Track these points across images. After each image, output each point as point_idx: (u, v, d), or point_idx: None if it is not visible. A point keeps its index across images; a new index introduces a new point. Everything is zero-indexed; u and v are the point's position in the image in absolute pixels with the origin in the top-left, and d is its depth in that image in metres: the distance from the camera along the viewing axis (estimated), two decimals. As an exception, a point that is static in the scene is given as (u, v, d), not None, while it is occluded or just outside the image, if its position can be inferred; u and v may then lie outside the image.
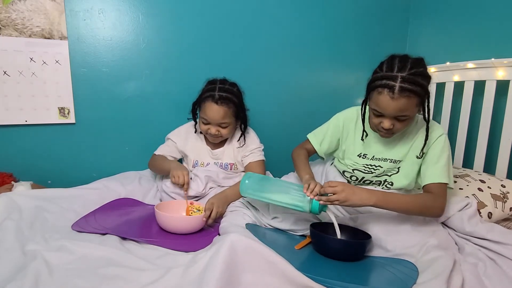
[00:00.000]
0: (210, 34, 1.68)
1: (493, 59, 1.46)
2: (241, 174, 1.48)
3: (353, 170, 1.28)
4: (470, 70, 1.59)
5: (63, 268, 0.85)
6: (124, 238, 1.05)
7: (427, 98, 1.06)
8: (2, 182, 1.32)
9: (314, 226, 1.12)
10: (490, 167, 1.54)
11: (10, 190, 1.24)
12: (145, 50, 1.60)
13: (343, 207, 1.28)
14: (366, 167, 1.25)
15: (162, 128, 1.59)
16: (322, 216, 1.23)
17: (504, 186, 1.32)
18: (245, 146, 1.48)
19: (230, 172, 1.49)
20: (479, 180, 1.35)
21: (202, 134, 1.50)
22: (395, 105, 1.02)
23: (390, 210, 1.06)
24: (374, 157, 1.23)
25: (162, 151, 1.49)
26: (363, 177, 1.27)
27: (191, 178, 1.42)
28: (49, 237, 1.00)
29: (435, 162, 1.13)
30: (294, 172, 1.43)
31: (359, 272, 0.97)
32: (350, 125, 1.29)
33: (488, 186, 1.31)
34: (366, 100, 1.15)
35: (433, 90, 1.80)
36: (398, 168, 1.21)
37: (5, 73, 1.39)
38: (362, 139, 1.25)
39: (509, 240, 1.04)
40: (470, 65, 1.57)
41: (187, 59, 1.66)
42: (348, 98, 2.00)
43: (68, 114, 1.51)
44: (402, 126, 1.09)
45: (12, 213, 1.07)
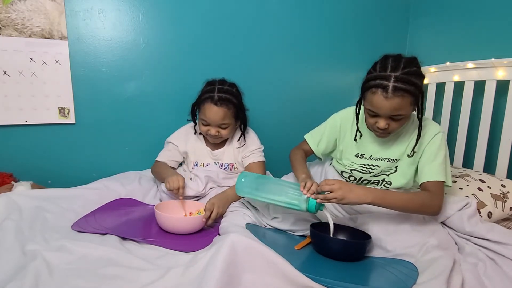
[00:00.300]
0: (210, 34, 1.68)
1: (493, 59, 1.46)
2: (241, 174, 1.48)
3: (351, 170, 1.28)
4: (470, 70, 1.59)
5: (63, 268, 0.85)
6: (124, 238, 1.05)
7: (421, 97, 1.06)
8: (2, 182, 1.32)
9: (314, 226, 1.12)
10: (490, 167, 1.54)
11: (10, 190, 1.25)
12: (145, 50, 1.60)
13: (342, 207, 1.28)
14: (363, 167, 1.25)
15: (162, 128, 1.59)
16: (321, 215, 1.23)
17: (504, 186, 1.32)
18: (245, 146, 1.48)
19: (230, 172, 1.49)
20: (479, 180, 1.35)
21: (201, 135, 1.50)
22: (389, 104, 1.03)
23: (387, 208, 1.06)
24: (372, 156, 1.23)
25: (164, 157, 1.47)
26: (361, 177, 1.27)
27: (191, 178, 1.42)
28: (49, 237, 1.00)
29: (432, 160, 1.13)
30: (294, 172, 1.43)
31: (359, 272, 0.97)
32: (347, 125, 1.29)
33: (488, 186, 1.31)
34: (361, 100, 1.15)
35: (433, 90, 1.80)
36: (396, 167, 1.21)
37: (5, 73, 1.40)
38: (355, 139, 1.25)
39: (509, 240, 1.04)
40: (470, 65, 1.57)
41: (187, 59, 1.66)
42: (348, 98, 1.98)
43: (68, 114, 1.52)
44: (398, 125, 1.09)
45: (12, 213, 1.07)
